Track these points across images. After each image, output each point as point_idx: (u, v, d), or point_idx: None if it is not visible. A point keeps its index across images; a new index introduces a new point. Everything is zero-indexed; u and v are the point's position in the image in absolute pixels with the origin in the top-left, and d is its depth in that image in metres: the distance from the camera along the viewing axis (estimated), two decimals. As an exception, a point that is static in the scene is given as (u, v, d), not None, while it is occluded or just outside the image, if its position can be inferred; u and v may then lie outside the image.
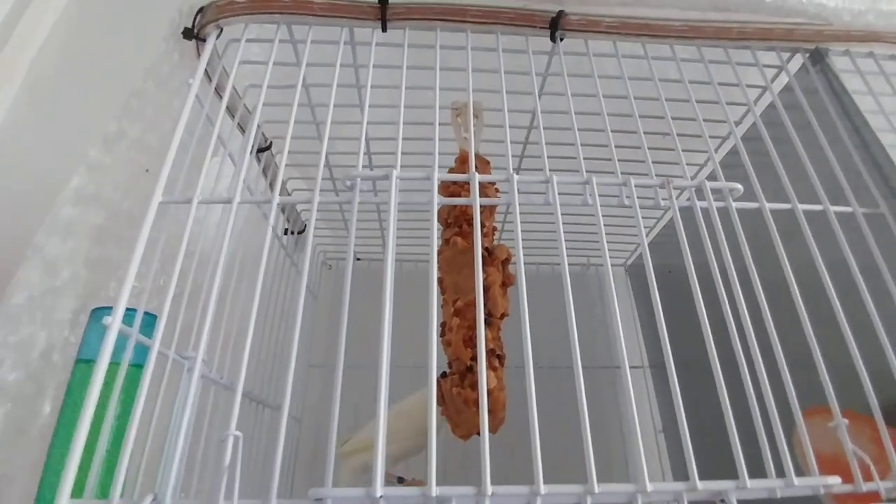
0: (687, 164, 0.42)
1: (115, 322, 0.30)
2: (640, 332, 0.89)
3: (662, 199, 0.37)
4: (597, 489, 0.27)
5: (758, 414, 0.30)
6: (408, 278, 0.53)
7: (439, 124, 0.41)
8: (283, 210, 0.75)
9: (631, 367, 0.93)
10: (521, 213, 0.36)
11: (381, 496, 0.26)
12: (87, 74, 0.50)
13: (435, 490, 0.26)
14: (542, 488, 0.26)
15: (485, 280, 0.43)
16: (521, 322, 0.32)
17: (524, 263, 0.34)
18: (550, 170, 0.38)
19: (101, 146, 0.40)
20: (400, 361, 0.40)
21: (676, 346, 0.32)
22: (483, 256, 0.35)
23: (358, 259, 0.94)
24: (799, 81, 0.49)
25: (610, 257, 0.34)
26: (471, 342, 0.41)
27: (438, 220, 0.48)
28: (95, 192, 0.40)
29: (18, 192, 0.39)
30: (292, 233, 0.77)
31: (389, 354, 0.30)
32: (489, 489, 0.26)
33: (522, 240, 0.35)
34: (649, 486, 0.27)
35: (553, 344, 0.52)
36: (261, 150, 0.62)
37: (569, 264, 0.33)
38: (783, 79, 0.51)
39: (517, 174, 0.37)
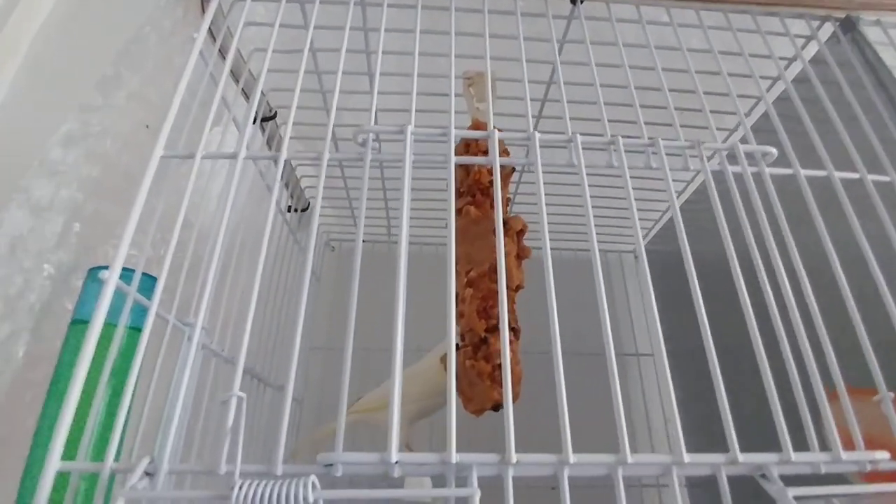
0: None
1: (112, 277, 0.28)
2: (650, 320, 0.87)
3: (692, 158, 0.35)
4: (629, 459, 0.25)
5: (800, 388, 0.28)
6: (413, 260, 0.51)
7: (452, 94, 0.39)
8: (286, 185, 0.72)
9: (642, 355, 0.91)
10: (533, 192, 0.33)
11: (396, 462, 0.24)
12: (90, 39, 0.47)
13: (455, 457, 0.24)
14: (572, 457, 0.24)
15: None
16: (547, 289, 0.30)
17: (535, 245, 0.32)
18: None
19: (95, 90, 0.38)
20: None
21: (692, 330, 0.31)
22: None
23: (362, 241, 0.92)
24: (830, 50, 0.47)
25: (621, 243, 0.32)
26: (485, 313, 0.39)
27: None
28: (86, 135, 0.37)
29: (11, 144, 0.37)
30: (296, 210, 0.75)
31: (404, 312, 0.28)
32: (513, 457, 0.24)
33: (534, 219, 0.32)
34: (686, 457, 0.25)
35: (564, 329, 0.50)
36: (265, 120, 0.60)
37: (578, 250, 0.32)
38: (813, 48, 0.49)
39: (538, 133, 0.35)
